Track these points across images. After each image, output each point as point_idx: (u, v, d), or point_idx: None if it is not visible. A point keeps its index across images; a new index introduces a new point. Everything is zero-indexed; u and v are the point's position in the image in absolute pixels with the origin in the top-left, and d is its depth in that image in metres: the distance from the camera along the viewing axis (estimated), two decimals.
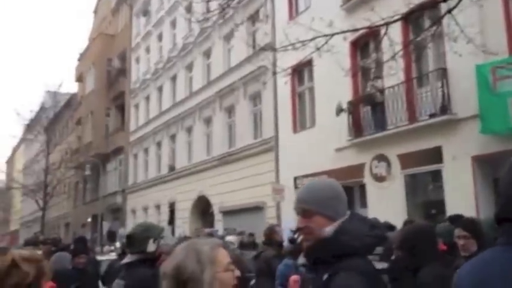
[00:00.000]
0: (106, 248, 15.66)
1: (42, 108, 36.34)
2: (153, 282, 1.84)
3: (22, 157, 50.81)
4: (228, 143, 17.80)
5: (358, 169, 11.63)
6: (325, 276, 1.67)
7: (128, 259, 3.09)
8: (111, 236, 20.26)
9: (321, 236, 1.73)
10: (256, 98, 16.58)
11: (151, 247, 2.98)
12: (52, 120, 37.62)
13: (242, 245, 10.35)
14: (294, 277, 3.89)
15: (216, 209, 17.88)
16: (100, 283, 6.61)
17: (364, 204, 11.57)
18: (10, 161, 58.83)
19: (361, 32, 9.73)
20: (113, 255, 10.34)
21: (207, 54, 19.99)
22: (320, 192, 1.79)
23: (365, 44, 12.03)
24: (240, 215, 15.90)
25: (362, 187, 11.76)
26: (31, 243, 11.01)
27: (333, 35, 8.09)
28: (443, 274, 2.49)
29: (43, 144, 33.82)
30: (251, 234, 11.56)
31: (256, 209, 15.16)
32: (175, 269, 1.58)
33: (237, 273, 1.66)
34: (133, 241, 3.09)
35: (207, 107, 19.39)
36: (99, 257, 10.14)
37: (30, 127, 35.95)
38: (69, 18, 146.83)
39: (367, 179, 11.51)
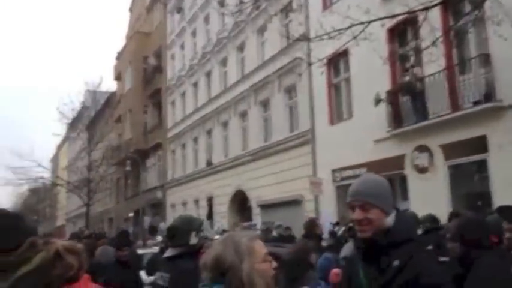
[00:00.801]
0: (149, 242, 16.01)
1: (84, 107, 37.47)
2: (196, 275, 1.86)
3: (66, 155, 52.70)
4: (264, 137, 17.77)
5: (398, 161, 11.34)
6: (396, 263, 1.80)
7: (170, 252, 3.10)
8: (153, 231, 20.72)
9: (382, 227, 1.87)
10: (291, 91, 16.46)
11: (193, 240, 2.98)
12: (93, 118, 38.76)
13: (280, 239, 10.34)
14: (335, 270, 3.84)
15: (253, 203, 17.93)
16: (143, 275, 6.76)
17: (405, 197, 11.28)
18: (54, 159, 61.13)
19: (398, 18, 9.42)
20: (154, 249, 10.59)
21: (241, 48, 20.00)
22: (378, 187, 1.95)
23: (403, 30, 11.66)
24: (278, 208, 15.87)
25: (402, 179, 11.46)
26: (75, 237, 11.42)
27: (370, 22, 7.88)
28: (499, 266, 2.43)
29: (85, 142, 34.89)
30: (287, 228, 11.54)
31: (294, 202, 15.09)
32: (214, 260, 1.65)
33: (275, 264, 1.70)
34: (175, 234, 3.09)
35: (242, 102, 19.42)
36: (140, 251, 10.38)
37: (72, 126, 37.14)
38: (108, 17, 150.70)
39: (408, 171, 11.20)
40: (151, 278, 4.97)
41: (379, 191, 1.93)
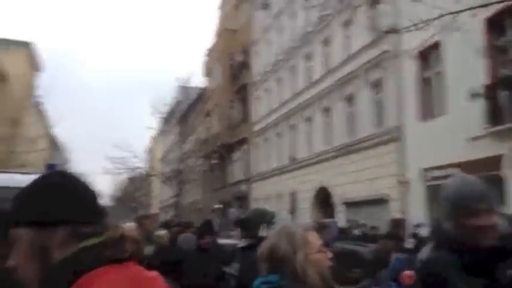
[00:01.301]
0: (233, 233, 16.44)
1: (176, 103, 39.44)
2: None
3: (161, 147, 56.02)
4: (349, 133, 17.35)
5: (495, 161, 10.42)
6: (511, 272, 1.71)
7: (241, 243, 3.21)
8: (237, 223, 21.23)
9: (501, 232, 1.78)
10: (378, 86, 15.85)
11: (263, 232, 3.03)
12: (185, 113, 40.66)
13: (363, 237, 10.05)
14: (408, 272, 3.65)
15: (337, 200, 17.63)
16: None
17: (502, 200, 10.34)
18: (150, 151, 65.29)
19: (496, 7, 8.62)
20: (236, 240, 10.85)
21: (327, 42, 19.67)
22: (491, 190, 1.85)
23: (501, 21, 10.64)
24: (363, 207, 15.44)
25: (499, 181, 10.52)
26: (165, 225, 12.07)
27: (459, 12, 7.29)
28: None
29: (177, 135, 36.74)
30: (374, 228, 11.18)
31: (380, 201, 14.56)
32: (269, 251, 1.70)
33: (330, 255, 1.70)
34: (247, 226, 3.19)
35: (326, 97, 19.12)
36: (223, 241, 10.69)
37: (166, 120, 39.27)
38: (199, 16, 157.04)
39: (506, 172, 10.25)
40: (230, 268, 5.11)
41: (493, 195, 1.84)
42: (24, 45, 48.15)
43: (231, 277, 3.31)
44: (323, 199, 19.18)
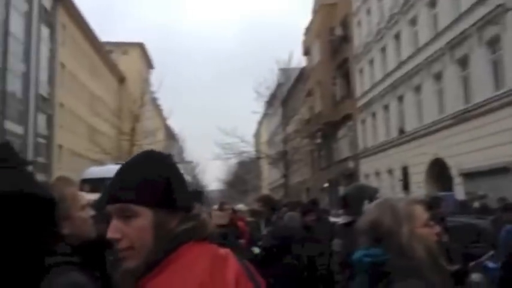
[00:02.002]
0: (341, 211, 16.29)
1: (278, 85, 39.84)
2: None
3: (266, 130, 57.25)
4: (463, 99, 15.99)
5: None
6: None
7: (343, 220, 3.14)
8: None
9: None
10: (494, 44, 14.31)
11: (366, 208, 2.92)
12: (287, 94, 40.89)
13: (484, 210, 9.25)
14: None
15: (454, 172, 16.45)
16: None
17: None
18: (257, 135, 67.09)
19: None
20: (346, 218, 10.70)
21: (432, 3, 18.23)
22: None
23: None
24: (483, 177, 14.20)
25: None
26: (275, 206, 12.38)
27: None
28: None
29: (281, 118, 37.17)
30: (502, 199, 10.19)
31: (502, 170, 13.27)
32: (371, 225, 1.63)
33: (437, 229, 1.60)
34: (348, 202, 3.11)
35: (436, 62, 17.79)
36: (332, 219, 10.62)
37: (269, 103, 39.91)
38: None
39: None
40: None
41: None
42: (138, 46, 52.22)
43: (335, 253, 3.28)
44: (438, 172, 18.02)
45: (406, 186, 20.20)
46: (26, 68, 23.66)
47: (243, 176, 59.42)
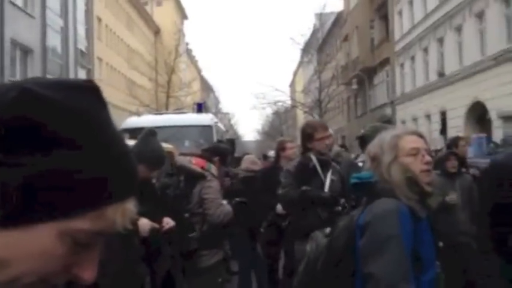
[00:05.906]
0: None
1: (314, 31, 38.79)
2: None
3: (301, 79, 56.49)
4: (507, 38, 15.19)
5: None
6: None
7: (360, 158, 3.25)
8: None
9: None
10: None
11: None
12: (322, 40, 39.82)
13: None
14: None
15: (493, 115, 15.94)
16: None
17: None
18: (292, 84, 66.39)
19: None
20: None
21: None
22: None
23: None
24: None
25: None
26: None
27: None
28: None
29: (316, 65, 36.47)
30: None
31: None
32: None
33: (427, 159, 1.74)
34: (365, 142, 3.19)
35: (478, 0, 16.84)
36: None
37: (304, 51, 39.16)
38: None
39: None
40: None
41: None
42: None
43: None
44: (478, 115, 17.52)
45: (443, 131, 19.79)
46: (64, 23, 24.15)
47: (279, 126, 59.52)
